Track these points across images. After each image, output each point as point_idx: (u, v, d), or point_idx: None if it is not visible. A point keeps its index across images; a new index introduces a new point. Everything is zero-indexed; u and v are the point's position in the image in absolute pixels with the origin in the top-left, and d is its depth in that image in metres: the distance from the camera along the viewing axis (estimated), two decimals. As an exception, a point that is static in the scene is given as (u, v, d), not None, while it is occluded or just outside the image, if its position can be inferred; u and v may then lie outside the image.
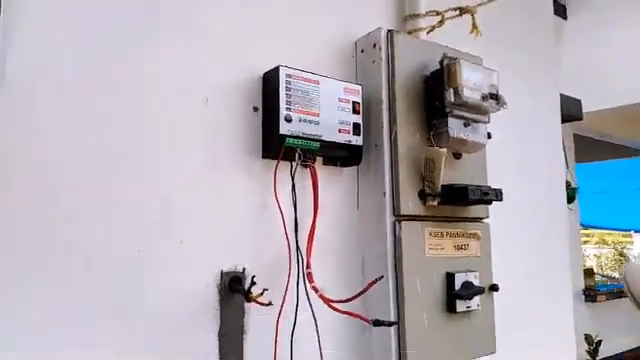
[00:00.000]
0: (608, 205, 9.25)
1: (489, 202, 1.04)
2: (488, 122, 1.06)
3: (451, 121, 1.00)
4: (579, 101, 4.17)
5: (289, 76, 0.90)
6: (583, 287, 4.85)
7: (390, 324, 0.84)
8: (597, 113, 4.38)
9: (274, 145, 0.90)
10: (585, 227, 12.14)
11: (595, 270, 6.76)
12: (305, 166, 0.95)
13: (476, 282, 1.04)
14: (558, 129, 1.63)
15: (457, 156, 1.08)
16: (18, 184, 0.70)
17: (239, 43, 0.93)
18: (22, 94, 0.71)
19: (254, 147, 0.92)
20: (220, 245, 0.87)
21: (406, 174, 0.99)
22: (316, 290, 0.86)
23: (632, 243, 12.96)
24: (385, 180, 0.99)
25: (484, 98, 1.01)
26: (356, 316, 0.83)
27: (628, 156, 6.50)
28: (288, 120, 0.89)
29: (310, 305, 0.86)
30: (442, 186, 1.00)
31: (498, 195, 1.03)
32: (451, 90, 0.98)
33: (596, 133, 5.38)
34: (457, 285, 1.01)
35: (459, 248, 1.06)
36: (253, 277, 0.80)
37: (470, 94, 0.98)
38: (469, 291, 1.01)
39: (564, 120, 4.32)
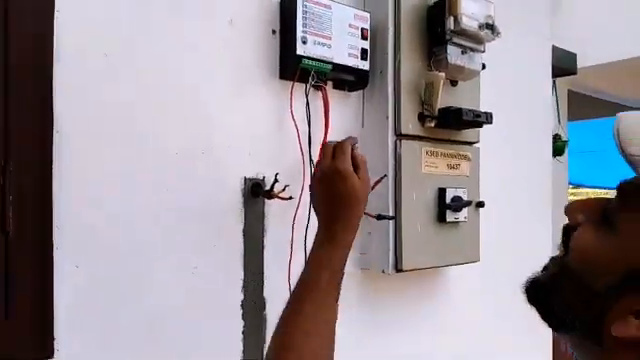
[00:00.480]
0: (599, 163, 9.45)
1: (480, 125, 1.16)
2: (484, 51, 1.16)
3: (450, 48, 1.09)
4: (574, 55, 4.23)
5: (306, 2, 0.98)
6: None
7: (390, 218, 0.97)
8: (593, 68, 4.45)
9: (291, 66, 0.99)
10: (575, 186, 12.45)
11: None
12: (317, 88, 1.05)
13: (465, 197, 1.17)
14: (548, 80, 1.73)
15: (454, 83, 1.18)
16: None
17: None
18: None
19: (273, 68, 1.01)
20: (243, 155, 0.98)
21: (407, 98, 1.10)
22: (327, 194, 0.98)
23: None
24: (388, 103, 1.10)
25: (481, 27, 1.10)
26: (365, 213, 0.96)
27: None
28: (304, 42, 0.98)
29: (322, 206, 0.99)
30: (439, 109, 1.11)
31: (489, 118, 1.14)
32: (451, 18, 1.07)
33: (592, 90, 5.47)
34: (448, 199, 1.15)
35: (451, 167, 1.18)
36: (276, 174, 0.92)
37: (468, 22, 1.07)
38: (458, 204, 1.15)
39: (557, 74, 4.40)
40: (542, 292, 0.50)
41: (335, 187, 0.72)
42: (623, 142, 0.43)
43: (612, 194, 0.47)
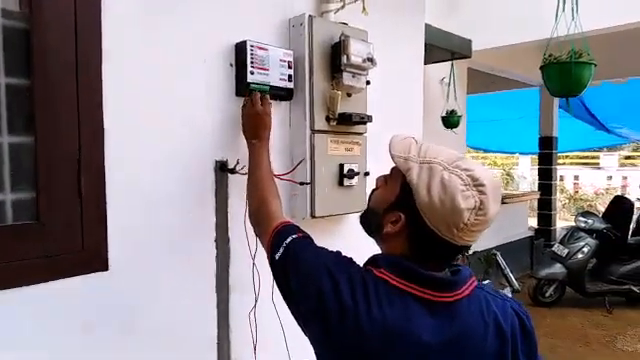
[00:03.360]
0: (497, 131, 10.64)
1: (364, 123, 1.79)
2: (367, 75, 1.77)
3: (344, 75, 1.69)
4: (469, 41, 5.02)
5: (252, 46, 1.54)
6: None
7: (307, 184, 1.59)
8: (487, 51, 5.29)
9: (243, 87, 1.55)
10: (475, 149, 13.59)
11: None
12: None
13: (356, 169, 1.81)
14: (420, 71, 2.37)
15: (349, 95, 1.79)
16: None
17: (220, 23, 1.54)
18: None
19: (231, 88, 1.57)
20: (213, 144, 1.54)
21: (318, 106, 1.69)
22: (268, 169, 1.57)
23: (517, 165, 14.96)
24: (306, 110, 1.68)
25: (364, 61, 1.71)
26: (291, 180, 1.57)
27: (517, 88, 7.67)
28: (252, 73, 1.54)
29: (265, 177, 1.58)
30: (339, 114, 1.72)
31: (369, 118, 1.78)
32: (344, 56, 1.67)
33: (488, 67, 6.38)
34: (345, 170, 1.77)
35: (348, 150, 1.81)
36: (238, 160, 1.50)
37: (355, 58, 1.68)
38: (351, 174, 1.78)
39: (456, 57, 5.17)
40: (362, 221, 1.10)
41: (254, 120, 1.46)
42: (391, 148, 1.02)
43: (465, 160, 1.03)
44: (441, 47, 4.61)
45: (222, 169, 1.54)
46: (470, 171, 0.90)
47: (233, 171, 1.51)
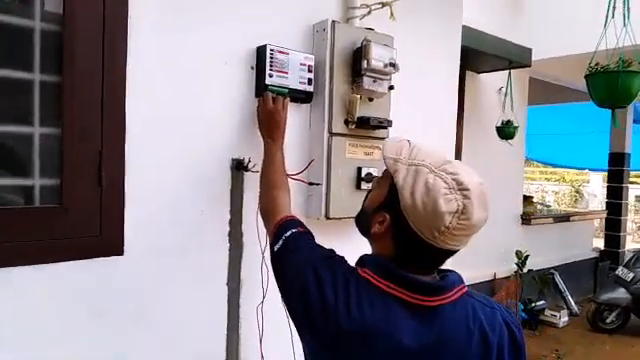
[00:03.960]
0: (566, 145, 10.09)
1: (384, 127, 1.79)
2: (389, 80, 1.77)
3: (365, 79, 1.71)
4: (529, 50, 4.84)
5: (272, 50, 1.60)
6: (521, 212, 5.79)
7: (317, 184, 1.62)
8: (552, 60, 5.07)
9: (262, 90, 1.61)
10: (542, 163, 12.92)
11: (535, 199, 7.74)
12: (279, 102, 1.67)
13: (375, 173, 1.81)
14: (454, 79, 2.33)
15: (371, 100, 1.80)
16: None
17: (245, 28, 1.62)
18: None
19: (251, 90, 1.64)
20: (231, 143, 1.61)
21: (337, 109, 1.72)
22: (282, 169, 1.62)
23: (588, 182, 14.07)
24: (325, 112, 1.72)
25: (385, 66, 1.72)
26: (300, 180, 1.61)
27: (588, 100, 7.25)
28: (270, 76, 1.60)
29: (278, 176, 1.63)
30: (357, 117, 1.73)
31: (389, 123, 1.78)
32: (365, 61, 1.69)
33: (553, 78, 6.09)
34: (363, 174, 1.79)
35: (367, 154, 1.82)
36: (250, 158, 1.56)
37: (376, 63, 1.69)
38: (369, 177, 1.79)
39: (515, 66, 5.02)
40: (358, 220, 1.12)
41: (266, 119, 1.53)
42: (383, 150, 1.03)
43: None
44: (498, 55, 4.48)
45: (238, 167, 1.60)
46: (456, 175, 0.90)
47: (247, 169, 1.57)
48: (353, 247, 1.88)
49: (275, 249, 1.15)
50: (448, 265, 1.00)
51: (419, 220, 0.90)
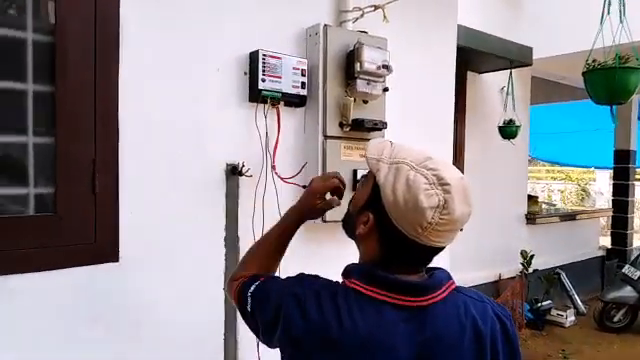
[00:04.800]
0: (571, 144, 10.04)
1: (379, 129, 1.79)
2: (384, 82, 1.78)
3: (358, 82, 1.72)
4: (530, 48, 4.82)
5: (264, 55, 1.61)
6: (526, 212, 5.75)
7: (311, 188, 1.62)
8: (553, 59, 5.05)
9: (255, 94, 1.62)
10: (549, 162, 12.83)
11: (541, 198, 7.69)
12: (274, 106, 1.68)
13: (371, 176, 1.81)
14: (450, 79, 2.33)
15: (365, 102, 1.81)
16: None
17: (237, 33, 1.63)
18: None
19: (244, 95, 1.65)
20: (225, 148, 1.61)
21: (331, 112, 1.73)
22: (276, 172, 1.63)
23: (594, 180, 13.96)
24: (319, 115, 1.73)
25: (379, 68, 1.72)
26: (295, 184, 1.61)
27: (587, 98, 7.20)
28: (263, 81, 1.61)
29: (273, 180, 1.64)
30: (352, 120, 1.74)
31: (384, 125, 1.78)
32: (358, 63, 1.69)
33: (558, 77, 6.06)
34: (358, 176, 1.78)
35: (363, 157, 1.81)
36: (243, 162, 1.57)
37: (369, 65, 1.70)
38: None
39: (516, 66, 5.00)
40: (344, 223, 1.10)
41: (313, 209, 1.22)
42: (366, 151, 1.02)
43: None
44: (498, 55, 4.46)
45: (233, 172, 1.61)
46: (436, 171, 0.89)
47: (241, 173, 1.58)
48: (350, 251, 1.88)
49: (248, 309, 1.07)
50: (448, 266, 0.99)
51: (401, 217, 0.89)
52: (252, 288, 1.08)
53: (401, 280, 0.93)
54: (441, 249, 0.95)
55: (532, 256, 5.23)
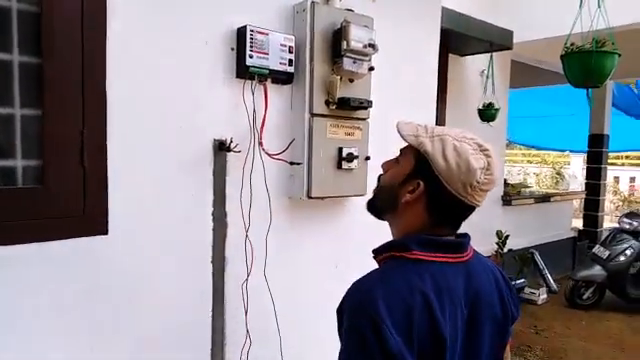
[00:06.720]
0: (547, 128, 10.23)
1: (365, 108, 1.82)
2: (369, 61, 1.80)
3: (345, 60, 1.74)
4: (510, 32, 4.88)
5: (252, 31, 1.61)
6: (502, 193, 5.89)
7: (298, 164, 1.65)
8: (532, 43, 5.12)
9: (243, 71, 1.63)
10: (525, 146, 13.08)
11: (516, 181, 7.85)
12: (261, 83, 1.69)
13: (355, 153, 1.85)
14: (434, 58, 2.36)
15: (351, 80, 1.83)
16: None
17: (225, 8, 1.62)
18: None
19: (231, 71, 1.65)
20: (213, 124, 1.63)
21: (318, 90, 1.75)
22: (263, 149, 1.65)
23: (569, 163, 14.30)
24: (306, 93, 1.75)
25: (365, 46, 1.74)
26: (282, 159, 1.64)
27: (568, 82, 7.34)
28: (251, 57, 1.61)
29: (261, 156, 1.66)
30: (338, 98, 1.76)
31: (369, 104, 1.81)
32: (345, 42, 1.71)
33: (535, 61, 6.16)
34: (344, 154, 1.82)
35: (348, 134, 1.85)
36: (231, 138, 1.58)
37: (355, 44, 1.72)
38: (350, 157, 1.82)
39: (496, 49, 5.06)
40: (372, 204, 1.15)
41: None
42: (400, 130, 1.06)
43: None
44: (479, 38, 4.51)
45: (220, 148, 1.62)
46: (475, 139, 1.02)
47: (229, 149, 1.59)
48: (335, 226, 1.93)
49: None
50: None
51: (454, 179, 0.98)
52: None
53: (449, 240, 1.03)
54: (474, 209, 1.04)
55: (507, 236, 5.38)
